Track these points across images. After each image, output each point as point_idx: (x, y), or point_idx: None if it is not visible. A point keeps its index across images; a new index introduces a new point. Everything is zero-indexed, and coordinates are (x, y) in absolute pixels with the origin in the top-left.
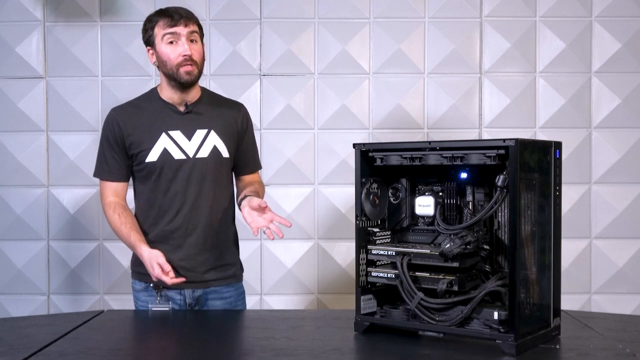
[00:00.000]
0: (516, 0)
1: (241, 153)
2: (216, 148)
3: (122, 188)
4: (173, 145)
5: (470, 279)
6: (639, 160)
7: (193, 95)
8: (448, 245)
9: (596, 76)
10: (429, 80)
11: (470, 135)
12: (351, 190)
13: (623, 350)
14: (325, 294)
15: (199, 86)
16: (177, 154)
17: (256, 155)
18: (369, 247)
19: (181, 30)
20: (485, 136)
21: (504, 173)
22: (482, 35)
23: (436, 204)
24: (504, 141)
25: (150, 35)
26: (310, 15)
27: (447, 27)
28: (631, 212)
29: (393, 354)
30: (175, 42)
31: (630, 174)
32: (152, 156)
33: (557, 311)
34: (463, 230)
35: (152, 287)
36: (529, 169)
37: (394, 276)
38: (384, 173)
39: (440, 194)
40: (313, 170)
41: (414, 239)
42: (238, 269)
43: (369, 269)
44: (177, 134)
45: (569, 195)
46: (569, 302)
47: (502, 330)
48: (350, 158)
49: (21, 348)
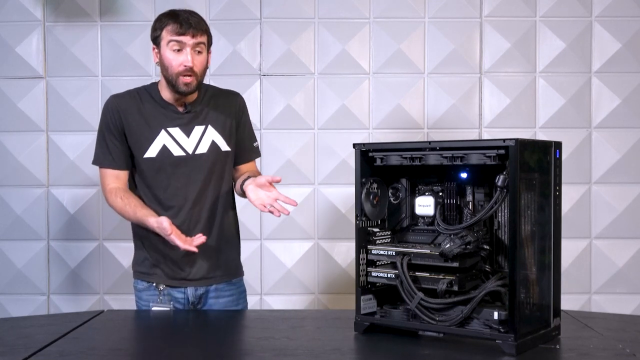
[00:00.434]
0: (516, 0)
1: (237, 141)
2: (215, 142)
3: (124, 175)
4: (172, 141)
5: (470, 279)
6: (639, 160)
7: (191, 95)
8: (448, 245)
9: (596, 76)
10: (429, 80)
11: (470, 135)
12: (351, 190)
13: (623, 350)
14: (325, 294)
15: None
16: (177, 151)
17: (253, 144)
18: (369, 247)
19: (187, 40)
20: (485, 136)
21: (504, 173)
22: (482, 35)
23: (436, 204)
24: (504, 141)
25: (158, 36)
26: (310, 15)
27: (447, 27)
28: (631, 212)
29: (393, 354)
30: (179, 50)
31: (630, 174)
32: (151, 152)
33: (557, 311)
34: (463, 230)
35: (155, 287)
36: (529, 169)
37: (394, 276)
38: (384, 173)
39: (440, 194)
40: (313, 170)
41: (414, 239)
42: (239, 264)
43: (369, 269)
44: (176, 131)
45: (569, 195)
46: (569, 302)
47: (502, 330)
48: (350, 158)
49: (21, 348)
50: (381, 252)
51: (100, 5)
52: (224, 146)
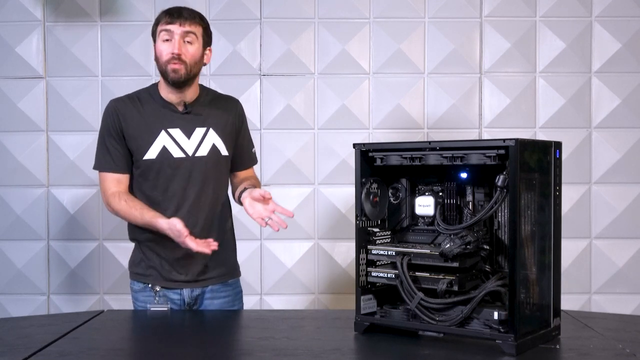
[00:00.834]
0: (516, 0)
1: (236, 149)
2: (215, 146)
3: (125, 179)
4: (172, 143)
5: (470, 279)
6: (639, 160)
7: (191, 95)
8: (448, 245)
9: (596, 76)
10: (429, 80)
11: (470, 135)
12: (351, 190)
13: (623, 350)
14: (325, 294)
15: (199, 85)
16: (177, 153)
17: (251, 151)
18: (369, 247)
19: (175, 28)
20: (485, 136)
21: (504, 173)
22: (482, 35)
23: (436, 204)
24: (504, 141)
25: (154, 32)
26: (310, 15)
27: (447, 27)
28: (631, 212)
29: (393, 354)
30: (169, 40)
31: (630, 174)
32: (151, 154)
33: (557, 311)
34: (463, 230)
35: (151, 288)
36: (529, 169)
37: (394, 276)
38: (384, 173)
39: (440, 194)
40: (313, 170)
41: (414, 239)
42: (235, 265)
43: (369, 269)
44: (177, 132)
45: (569, 195)
46: (569, 302)
47: (502, 330)
48: (350, 158)
49: (21, 348)
50: (381, 252)
51: (100, 5)
52: (224, 151)
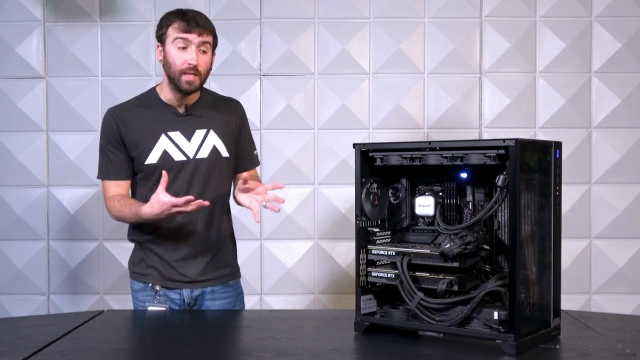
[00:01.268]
0: (516, 0)
1: (237, 150)
2: (216, 148)
3: (125, 185)
4: (173, 146)
5: (470, 279)
6: (639, 160)
7: (192, 97)
8: (448, 245)
9: (596, 76)
10: (429, 80)
11: (470, 135)
12: (351, 190)
13: (623, 350)
14: (325, 294)
15: None
16: (178, 156)
17: (253, 153)
18: (369, 247)
19: (193, 38)
20: (485, 136)
21: (504, 173)
22: (482, 35)
23: (436, 204)
24: (504, 141)
25: (163, 34)
26: (310, 15)
27: (447, 27)
28: (631, 212)
29: (393, 354)
30: (185, 48)
31: (630, 174)
32: (152, 158)
33: (557, 311)
34: (463, 230)
35: (151, 287)
36: (529, 169)
37: (394, 276)
38: (384, 173)
39: (440, 194)
40: (313, 170)
41: (414, 239)
42: (235, 267)
43: (369, 269)
44: (177, 135)
45: (569, 195)
46: (569, 302)
47: (502, 330)
48: (350, 158)
49: (21, 348)
50: (381, 252)
51: (100, 5)
52: (224, 152)
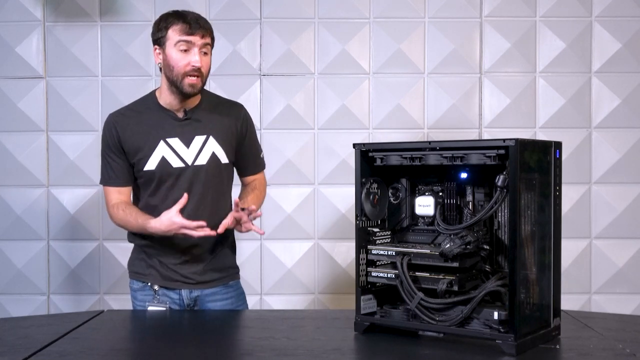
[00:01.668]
0: (516, 0)
1: (241, 155)
2: (215, 154)
3: (127, 191)
4: (171, 153)
5: (470, 279)
6: (639, 160)
7: (192, 101)
8: (448, 245)
9: (596, 76)
10: (429, 80)
11: (470, 135)
12: (351, 190)
13: (623, 350)
14: (325, 294)
15: None
16: (176, 162)
17: (258, 157)
18: (369, 247)
19: (196, 40)
20: (485, 136)
21: (504, 173)
22: (482, 35)
23: (436, 204)
24: (504, 141)
25: (162, 36)
26: (310, 15)
27: (447, 27)
28: (631, 212)
29: (393, 354)
30: (186, 51)
31: (630, 174)
32: (150, 165)
33: (557, 311)
34: (463, 230)
35: (150, 287)
36: (529, 169)
37: (394, 276)
38: (384, 173)
39: (440, 194)
40: (313, 170)
41: (414, 239)
42: (235, 268)
43: (369, 269)
44: (175, 142)
45: (569, 195)
46: (569, 302)
47: (502, 330)
48: (350, 158)
49: (21, 348)
50: (381, 252)
51: (100, 5)
52: (224, 158)
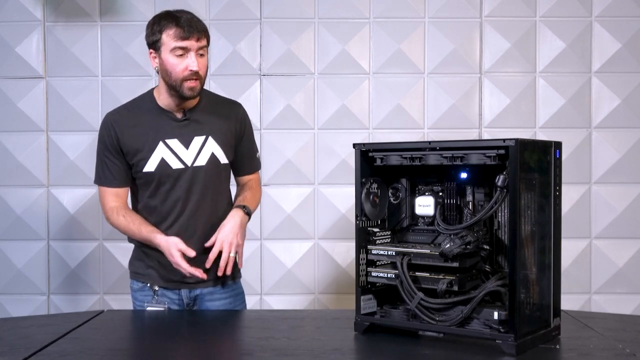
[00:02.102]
0: (516, 0)
1: (238, 155)
2: (214, 155)
3: (124, 193)
4: (171, 154)
5: (470, 279)
6: (639, 160)
7: (191, 101)
8: (448, 245)
9: (596, 76)
10: (429, 80)
11: (470, 135)
12: (351, 190)
13: (623, 350)
14: (325, 294)
15: None
16: (175, 164)
17: (254, 157)
18: (369, 247)
19: (192, 44)
20: (485, 136)
21: (504, 173)
22: (482, 35)
23: (436, 204)
24: (504, 141)
25: (157, 40)
26: (310, 15)
27: (447, 27)
28: (631, 212)
29: (393, 354)
30: (183, 55)
31: (630, 174)
32: (150, 166)
33: (557, 311)
34: (463, 230)
35: (149, 287)
36: (529, 169)
37: (394, 276)
38: (384, 173)
39: (440, 194)
40: (313, 170)
41: (414, 239)
42: (234, 268)
43: (369, 269)
44: (175, 143)
45: (569, 195)
46: (569, 302)
47: (502, 330)
48: (350, 158)
49: (21, 348)
50: (381, 252)
51: (100, 5)
52: (223, 159)
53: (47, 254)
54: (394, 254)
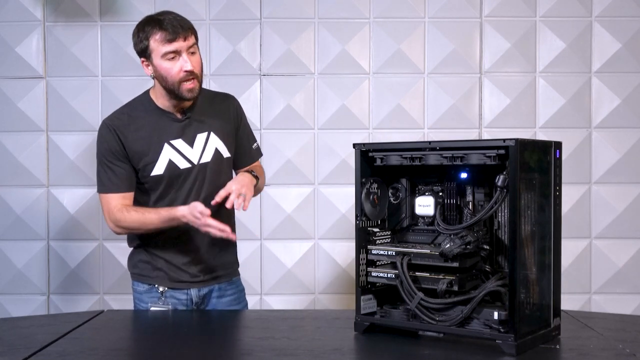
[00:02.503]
0: (516, 0)
1: (238, 146)
2: (218, 150)
3: (130, 197)
4: (177, 155)
5: (470, 279)
6: (639, 160)
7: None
8: (448, 245)
9: (596, 76)
10: (429, 80)
11: (470, 135)
12: (351, 190)
13: (623, 350)
14: (325, 294)
15: None
16: (183, 164)
17: (252, 147)
18: (369, 247)
19: (181, 45)
20: (485, 136)
21: (504, 173)
22: (482, 35)
23: (436, 204)
24: (504, 141)
25: (146, 48)
26: (310, 15)
27: (447, 27)
28: (631, 212)
29: (393, 354)
30: (175, 58)
31: (630, 174)
32: (158, 169)
33: (557, 311)
34: (463, 230)
35: (157, 289)
36: (529, 169)
37: (394, 276)
38: (384, 173)
39: (440, 194)
40: (313, 170)
41: (414, 239)
42: (237, 264)
43: (369, 269)
44: (179, 143)
45: (569, 195)
46: (569, 302)
47: (502, 330)
48: (350, 158)
49: (21, 348)
50: (381, 252)
51: (100, 5)
52: (226, 153)
53: (47, 254)
54: (394, 254)
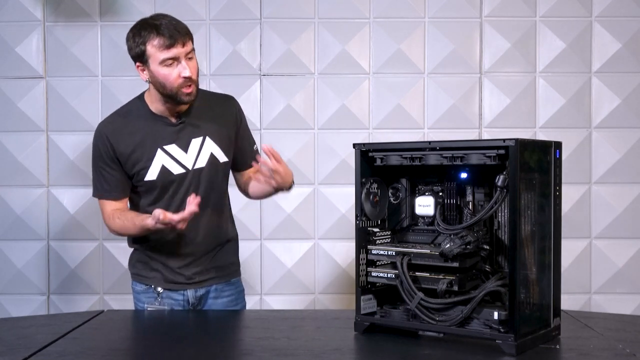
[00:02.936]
0: (516, 0)
1: (238, 149)
2: (213, 155)
3: (123, 202)
4: (170, 160)
5: (470, 279)
6: (639, 160)
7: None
8: (448, 245)
9: (596, 76)
10: (429, 80)
11: (470, 135)
12: (351, 190)
13: (623, 350)
14: (325, 294)
15: None
16: (176, 169)
17: (253, 149)
18: (369, 247)
19: (180, 51)
20: (485, 136)
21: (504, 173)
22: (482, 35)
23: (436, 204)
24: (504, 141)
25: (142, 53)
26: (310, 15)
27: (447, 27)
28: (631, 212)
29: (393, 354)
30: (173, 64)
31: (630, 174)
32: (151, 174)
33: (557, 311)
34: (463, 230)
35: (153, 289)
36: (529, 169)
37: (394, 276)
38: (384, 173)
39: (440, 194)
40: (313, 170)
41: (414, 239)
42: (237, 265)
43: (369, 269)
44: (173, 148)
45: (569, 195)
46: (569, 302)
47: (502, 330)
48: (350, 158)
49: (21, 348)
50: (381, 252)
51: (100, 5)
52: (222, 157)
53: (47, 254)
54: (394, 254)
